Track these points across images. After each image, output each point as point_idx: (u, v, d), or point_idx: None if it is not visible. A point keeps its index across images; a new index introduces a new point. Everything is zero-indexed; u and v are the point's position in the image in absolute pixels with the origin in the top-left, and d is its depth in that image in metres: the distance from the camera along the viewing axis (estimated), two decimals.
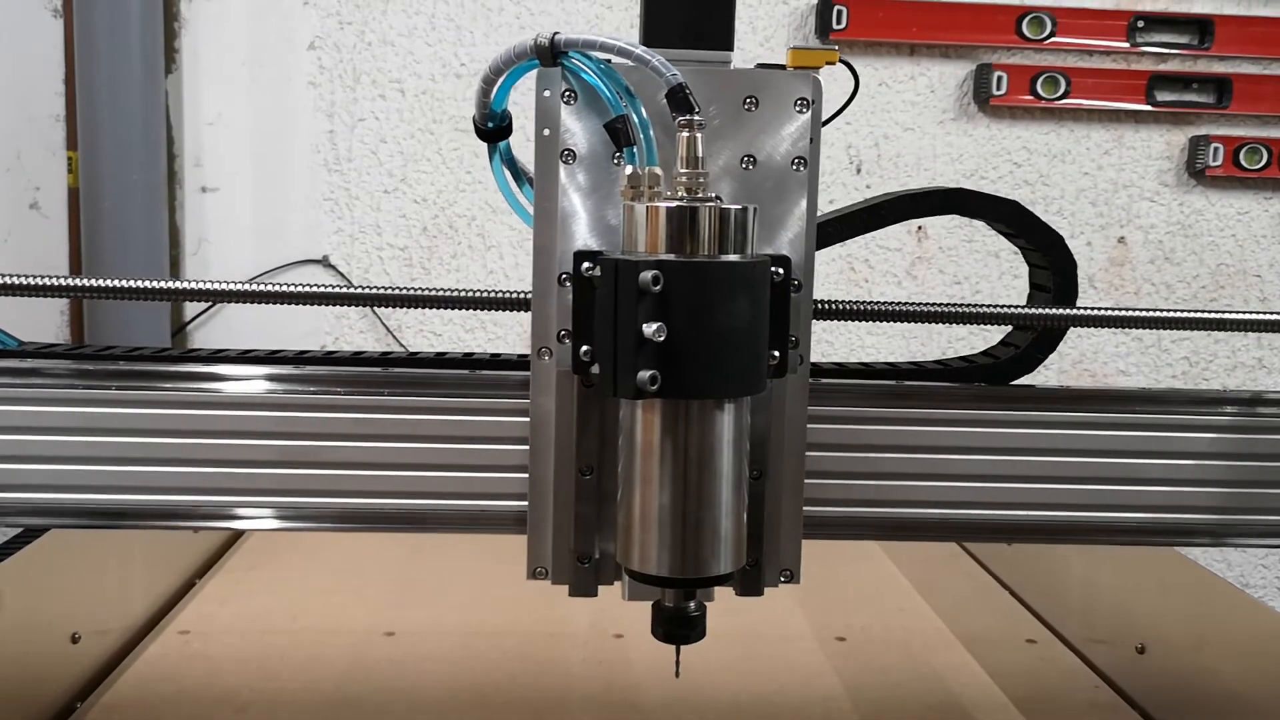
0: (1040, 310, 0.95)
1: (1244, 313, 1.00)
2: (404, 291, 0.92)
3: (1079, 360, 2.56)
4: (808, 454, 0.86)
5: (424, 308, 0.92)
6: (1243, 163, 2.54)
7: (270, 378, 0.93)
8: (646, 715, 1.12)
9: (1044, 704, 1.20)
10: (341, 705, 1.14)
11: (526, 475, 0.88)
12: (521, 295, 0.90)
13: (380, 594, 1.44)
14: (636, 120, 0.78)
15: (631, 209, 0.75)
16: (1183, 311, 0.97)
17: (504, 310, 0.91)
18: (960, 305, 0.94)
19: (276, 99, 2.50)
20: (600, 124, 0.80)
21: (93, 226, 2.36)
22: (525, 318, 0.86)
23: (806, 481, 0.87)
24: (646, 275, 0.72)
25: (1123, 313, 0.99)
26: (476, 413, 0.91)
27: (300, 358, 0.96)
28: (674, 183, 0.75)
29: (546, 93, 0.81)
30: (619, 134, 0.78)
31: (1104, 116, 2.55)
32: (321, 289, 0.93)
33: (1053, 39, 2.49)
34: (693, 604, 0.79)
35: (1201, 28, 2.51)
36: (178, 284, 0.93)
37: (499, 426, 0.91)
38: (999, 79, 2.50)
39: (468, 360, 0.95)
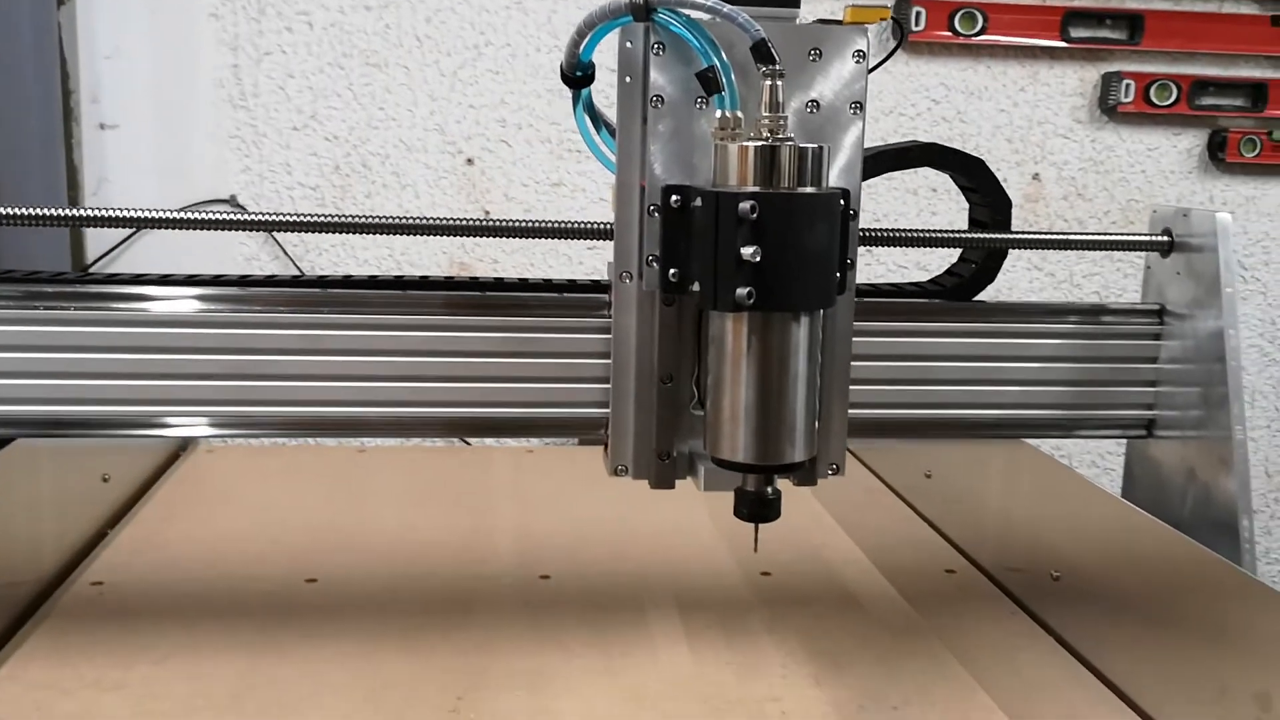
0: (982, 235, 1.20)
1: (1127, 234, 1.36)
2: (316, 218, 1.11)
3: (995, 295, 2.60)
4: None
5: (345, 232, 1.11)
6: (1153, 99, 2.61)
7: (216, 298, 1.09)
8: (573, 653, 1.14)
9: (964, 631, 1.24)
10: (264, 652, 1.13)
11: (450, 384, 1.10)
12: (434, 221, 1.11)
13: (300, 541, 1.44)
14: (721, 69, 0.92)
15: (725, 148, 0.91)
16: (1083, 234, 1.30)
17: (424, 235, 1.11)
18: (911, 230, 1.18)
19: (177, 31, 2.44)
20: (681, 73, 0.95)
21: None
22: (439, 251, 1.04)
23: None
24: (745, 205, 0.87)
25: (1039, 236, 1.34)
26: (407, 329, 1.10)
27: (244, 279, 1.13)
28: (757, 125, 0.91)
29: (629, 45, 0.96)
30: (709, 82, 0.93)
31: (1020, 53, 2.60)
32: (259, 216, 1.11)
33: None
34: (770, 488, 0.97)
35: None
36: (91, 211, 1.07)
37: (429, 341, 1.10)
38: (917, 14, 2.53)
39: (399, 281, 1.13)
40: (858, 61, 0.98)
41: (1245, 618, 0.91)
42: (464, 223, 1.13)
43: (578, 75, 1.01)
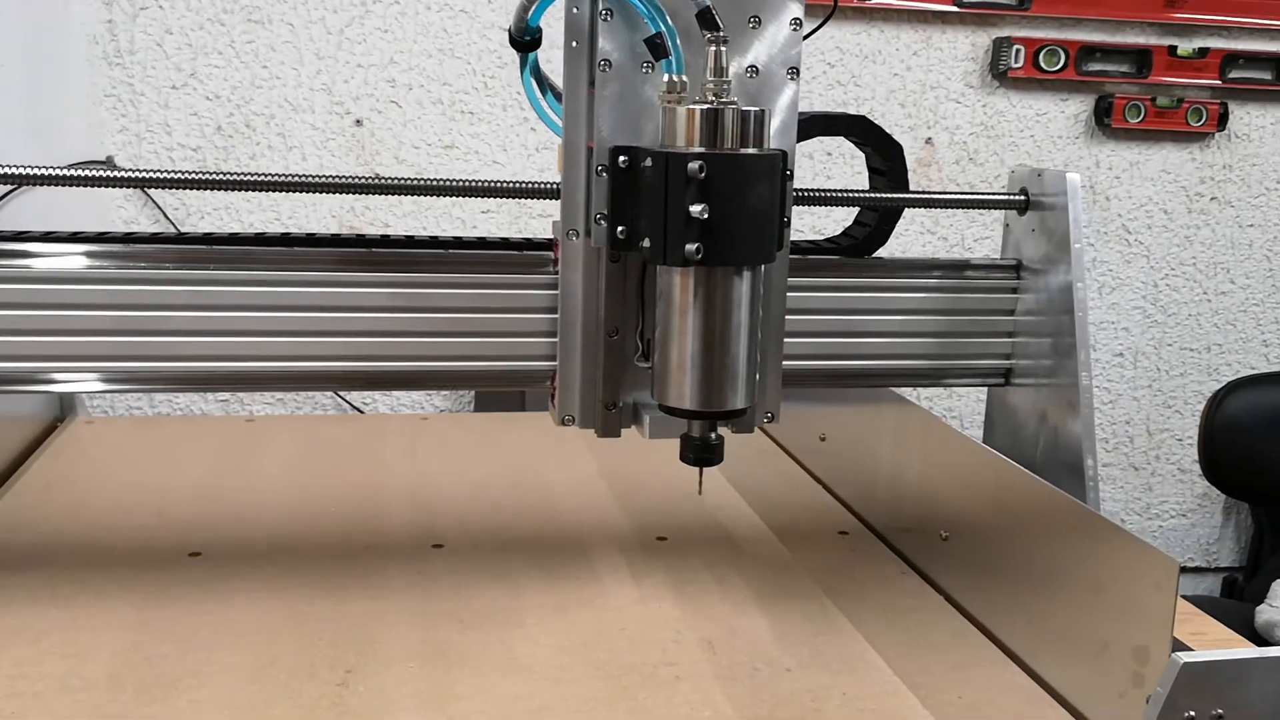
0: (880, 194, 1.25)
1: (991, 194, 1.40)
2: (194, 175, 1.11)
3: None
4: None
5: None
6: (1042, 64, 2.67)
7: (100, 254, 1.10)
8: (467, 624, 1.13)
9: (856, 592, 1.26)
10: (145, 630, 1.10)
11: (334, 340, 1.13)
12: (325, 179, 1.12)
13: (183, 514, 1.40)
14: (668, 34, 0.98)
15: (672, 111, 0.97)
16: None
17: (314, 193, 1.17)
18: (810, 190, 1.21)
19: None
20: (627, 39, 1.01)
21: None
22: (328, 215, 1.07)
23: None
24: (693, 165, 0.93)
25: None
26: (295, 284, 1.13)
27: (129, 237, 1.14)
28: (703, 89, 0.97)
29: (575, 10, 1.01)
30: (657, 48, 0.98)
31: (913, 17, 2.63)
32: (141, 173, 1.13)
33: None
34: (714, 434, 1.04)
35: None
36: None
37: (317, 297, 1.13)
38: None
39: (285, 238, 1.16)
40: (794, 28, 1.05)
41: (1123, 572, 0.94)
42: (357, 181, 1.15)
43: (525, 39, 1.05)
